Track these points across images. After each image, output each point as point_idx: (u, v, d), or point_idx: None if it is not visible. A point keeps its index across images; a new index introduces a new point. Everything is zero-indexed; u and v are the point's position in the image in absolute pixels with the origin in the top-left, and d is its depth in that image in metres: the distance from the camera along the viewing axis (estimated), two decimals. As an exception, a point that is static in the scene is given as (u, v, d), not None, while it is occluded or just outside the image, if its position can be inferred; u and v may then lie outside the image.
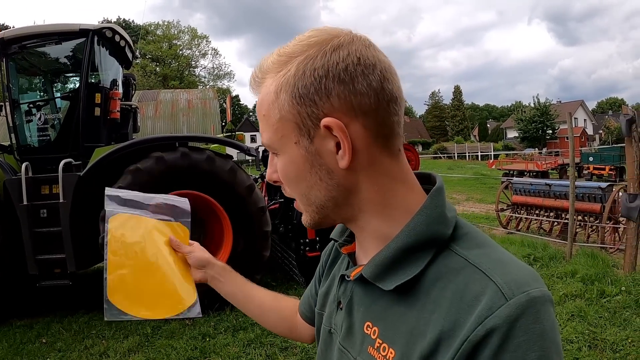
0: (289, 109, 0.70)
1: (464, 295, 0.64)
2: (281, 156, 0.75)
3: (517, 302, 0.60)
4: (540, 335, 0.59)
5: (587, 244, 7.24)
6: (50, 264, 4.97)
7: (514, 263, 0.68)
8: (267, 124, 0.73)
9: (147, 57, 47.71)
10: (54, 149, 5.42)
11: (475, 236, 0.73)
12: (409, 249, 0.71)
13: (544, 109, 49.20)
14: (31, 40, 5.51)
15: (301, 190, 0.76)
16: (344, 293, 0.84)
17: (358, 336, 0.77)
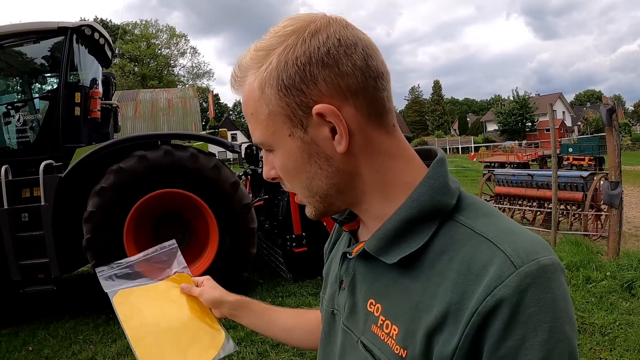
0: (277, 103, 0.68)
1: (471, 266, 0.62)
2: (277, 151, 0.73)
3: (526, 270, 0.58)
4: (551, 305, 0.57)
5: (571, 232, 7.36)
6: (34, 269, 4.86)
7: (522, 232, 0.65)
8: (257, 122, 0.71)
9: (125, 57, 46.96)
10: (33, 151, 5.30)
11: (481, 206, 0.71)
12: (413, 220, 0.69)
13: (523, 102, 50.01)
14: (8, 40, 5.37)
15: (302, 182, 0.74)
16: (346, 271, 0.81)
17: (361, 315, 0.75)
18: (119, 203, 4.72)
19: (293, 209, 5.67)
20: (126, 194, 4.73)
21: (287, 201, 5.74)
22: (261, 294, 5.27)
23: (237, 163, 8.54)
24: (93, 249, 4.69)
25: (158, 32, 52.18)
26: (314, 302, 4.99)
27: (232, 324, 4.59)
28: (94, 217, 4.69)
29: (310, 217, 0.80)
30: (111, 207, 4.72)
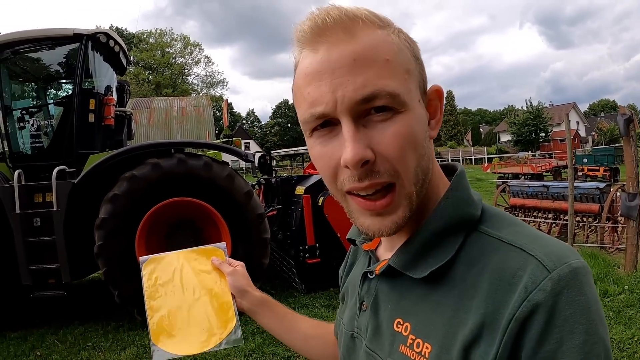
0: (415, 66, 0.66)
1: (503, 274, 0.60)
2: (405, 114, 0.62)
3: (560, 273, 0.57)
4: (585, 307, 0.56)
5: (587, 244, 7.24)
6: (44, 274, 4.87)
7: (549, 238, 0.64)
8: (393, 72, 0.61)
9: (140, 65, 47.66)
10: (47, 156, 5.35)
11: (504, 217, 0.69)
12: (439, 233, 0.67)
13: (537, 112, 49.63)
14: (24, 46, 5.45)
15: (415, 161, 0.63)
16: (368, 292, 0.78)
17: (387, 336, 0.71)
18: (132, 210, 4.70)
19: (307, 219, 5.62)
20: (139, 202, 4.71)
21: (301, 211, 5.70)
22: (281, 303, 5.22)
23: (250, 172, 8.55)
24: (104, 256, 4.68)
25: (173, 41, 52.89)
26: (326, 313, 4.93)
27: (243, 335, 4.56)
28: (106, 224, 4.68)
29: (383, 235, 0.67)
30: (123, 215, 4.71)
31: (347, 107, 0.60)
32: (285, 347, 4.19)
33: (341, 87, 0.60)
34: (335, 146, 0.63)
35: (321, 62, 0.61)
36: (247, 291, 1.10)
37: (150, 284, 1.17)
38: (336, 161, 0.63)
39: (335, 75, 0.60)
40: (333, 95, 0.60)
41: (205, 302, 1.15)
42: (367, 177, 0.61)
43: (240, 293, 1.10)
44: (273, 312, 1.11)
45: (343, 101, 0.60)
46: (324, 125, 0.64)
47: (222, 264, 1.13)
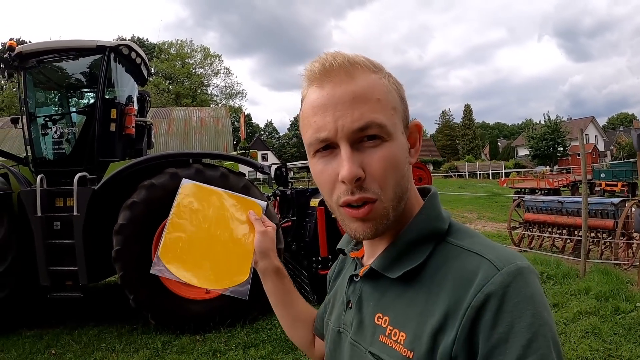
0: (400, 104, 0.82)
1: (463, 274, 0.74)
2: (390, 143, 0.77)
3: (507, 270, 0.70)
4: (531, 296, 0.69)
5: (601, 261, 7.15)
6: (62, 276, 5.01)
7: (500, 246, 0.79)
8: (383, 108, 0.77)
9: (160, 75, 48.40)
10: (69, 163, 5.51)
11: (467, 230, 0.84)
12: (412, 242, 0.82)
13: (555, 126, 49.02)
14: (49, 55, 5.64)
15: (396, 180, 0.79)
16: (353, 292, 0.91)
17: (369, 329, 0.84)
18: (149, 217, 4.80)
19: (320, 231, 5.69)
20: (156, 209, 4.79)
21: (315, 223, 5.77)
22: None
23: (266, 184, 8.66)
24: (121, 260, 4.80)
25: (193, 51, 53.65)
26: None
27: (254, 342, 4.62)
28: (124, 230, 4.81)
29: (368, 237, 0.81)
30: (141, 221, 4.82)
31: (346, 134, 0.75)
32: (294, 356, 4.26)
33: (342, 118, 0.75)
34: (334, 165, 0.78)
35: (327, 97, 0.77)
36: (268, 255, 1.17)
37: (182, 204, 1.19)
38: (334, 177, 0.77)
39: (338, 109, 0.76)
40: (335, 124, 0.75)
41: (227, 246, 1.17)
42: (358, 192, 0.76)
43: (262, 254, 1.17)
44: (281, 283, 1.19)
45: (343, 129, 0.75)
46: (325, 148, 0.79)
47: (257, 220, 1.19)
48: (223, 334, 4.86)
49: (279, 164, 7.31)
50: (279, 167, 7.15)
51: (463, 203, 19.46)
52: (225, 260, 1.17)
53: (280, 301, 1.20)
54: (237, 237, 1.18)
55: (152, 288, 4.82)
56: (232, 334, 4.86)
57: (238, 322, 5.04)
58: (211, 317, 4.90)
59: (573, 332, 4.55)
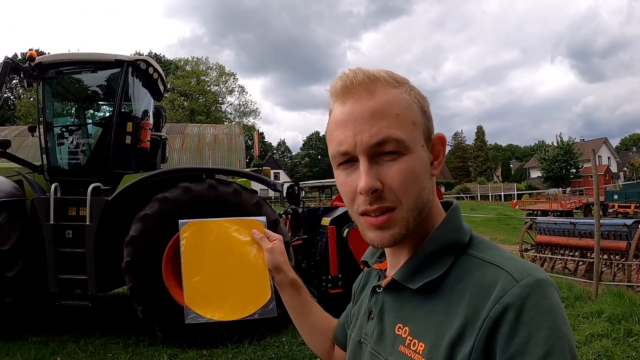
0: (421, 118, 0.84)
1: (482, 285, 0.75)
2: (409, 155, 0.80)
3: (526, 282, 0.71)
4: (549, 309, 0.69)
5: (613, 283, 7.02)
6: (72, 284, 5.05)
7: (520, 259, 0.80)
8: (401, 123, 0.80)
9: (175, 91, 49.03)
10: (83, 173, 5.60)
11: (488, 243, 0.86)
12: (433, 254, 0.84)
13: (567, 147, 48.66)
14: (68, 67, 5.78)
15: (416, 192, 0.81)
16: (375, 303, 0.94)
17: (389, 339, 0.86)
18: (161, 230, 4.83)
19: (331, 250, 5.69)
20: (168, 223, 4.81)
21: (326, 242, 5.77)
22: (293, 332, 5.25)
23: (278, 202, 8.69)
24: (131, 272, 4.83)
25: (208, 69, 54.33)
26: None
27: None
28: (135, 242, 4.85)
29: (386, 245, 0.84)
30: (153, 234, 4.86)
31: (364, 149, 0.79)
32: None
33: (360, 133, 0.79)
34: (354, 177, 0.82)
35: (348, 113, 0.81)
36: (281, 269, 1.20)
37: (189, 249, 1.21)
38: (355, 188, 0.81)
39: (357, 124, 0.80)
40: (354, 139, 0.80)
41: (242, 272, 1.19)
42: (376, 202, 0.80)
43: (275, 269, 1.20)
44: (298, 294, 1.23)
45: (361, 144, 0.79)
46: (348, 161, 0.83)
47: (262, 238, 1.21)
48: (230, 349, 4.82)
49: (291, 182, 7.35)
50: (291, 185, 7.19)
51: (475, 225, 19.26)
52: (246, 285, 1.20)
53: (298, 311, 1.24)
54: (250, 260, 1.20)
55: (160, 301, 4.84)
56: (239, 350, 4.83)
57: (246, 339, 5.01)
58: (219, 333, 4.88)
59: (585, 355, 4.46)
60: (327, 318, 1.27)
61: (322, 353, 1.26)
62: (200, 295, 1.19)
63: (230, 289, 1.20)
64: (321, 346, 1.26)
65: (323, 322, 1.26)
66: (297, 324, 1.26)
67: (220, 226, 1.23)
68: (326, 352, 1.25)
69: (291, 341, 5.05)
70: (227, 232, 1.22)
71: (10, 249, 4.93)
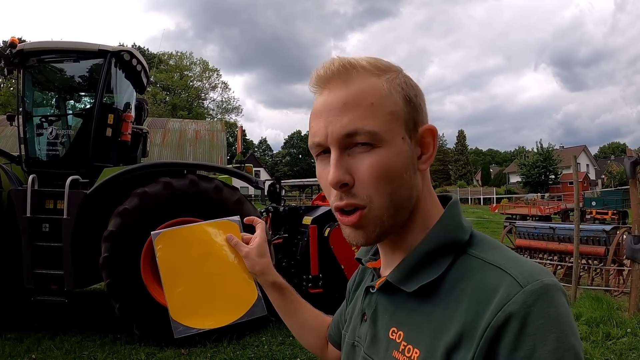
0: (403, 107, 0.77)
1: (483, 289, 0.69)
2: (383, 148, 0.74)
3: (532, 288, 0.65)
4: (556, 318, 0.63)
5: (592, 287, 7.17)
6: (48, 279, 4.93)
7: (525, 260, 0.73)
8: (376, 113, 0.74)
9: (158, 85, 48.51)
10: (62, 165, 5.47)
11: (489, 241, 0.79)
12: (430, 253, 0.77)
13: (547, 154, 49.66)
14: (50, 55, 5.65)
15: (391, 188, 0.75)
16: (369, 304, 0.88)
17: (382, 343, 0.80)
18: (140, 226, 4.73)
19: (312, 249, 5.66)
20: (148, 218, 4.74)
21: (307, 241, 5.75)
22: (272, 331, 5.23)
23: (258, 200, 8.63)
24: (109, 268, 4.74)
25: (192, 64, 53.92)
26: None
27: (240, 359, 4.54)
28: (113, 237, 4.76)
29: (361, 244, 0.80)
30: (131, 229, 4.76)
31: (335, 140, 0.74)
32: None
33: (331, 124, 0.75)
34: (327, 169, 0.76)
35: (322, 103, 0.77)
36: (262, 272, 1.16)
37: (165, 260, 1.15)
38: (327, 181, 0.76)
39: (329, 114, 0.75)
40: (325, 129, 0.75)
41: (225, 276, 1.15)
42: (346, 197, 0.75)
43: (255, 274, 1.17)
44: (281, 295, 1.18)
45: (332, 135, 0.75)
46: (324, 152, 0.78)
47: (237, 244, 1.18)
48: (209, 349, 4.76)
49: (273, 181, 7.31)
50: (272, 183, 7.15)
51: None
52: (230, 289, 1.16)
53: (284, 311, 1.19)
54: (230, 263, 1.16)
55: (138, 298, 4.76)
56: (218, 349, 4.77)
57: (225, 338, 4.94)
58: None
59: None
60: (317, 317, 1.22)
61: (315, 350, 1.22)
62: (185, 306, 1.15)
63: (215, 294, 1.16)
64: (313, 344, 1.21)
65: (312, 321, 1.21)
66: (286, 322, 1.22)
67: (194, 232, 1.19)
68: (319, 350, 1.21)
69: (271, 340, 5.02)
70: (203, 237, 1.18)
71: None
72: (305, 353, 4.58)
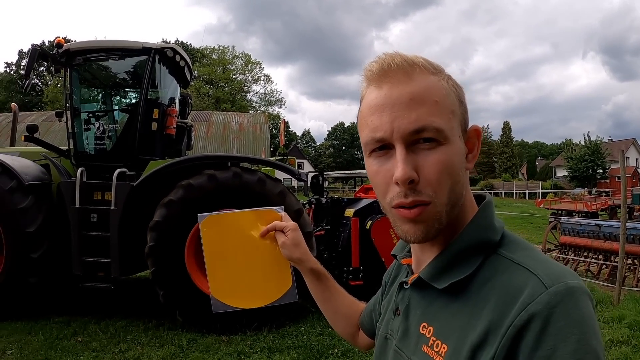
0: (458, 108, 0.80)
1: (509, 289, 0.71)
2: (446, 147, 0.76)
3: (556, 290, 0.67)
4: (579, 321, 0.64)
5: (636, 289, 6.87)
6: (95, 266, 5.17)
7: (553, 262, 0.75)
8: (440, 111, 0.76)
9: (201, 79, 49.27)
10: (109, 158, 5.70)
11: (520, 242, 0.81)
12: (461, 252, 0.80)
13: (595, 147, 47.54)
14: (95, 54, 5.86)
15: (450, 185, 0.76)
16: (402, 300, 0.92)
17: (413, 337, 0.84)
18: (185, 217, 4.86)
19: (354, 241, 5.68)
20: (192, 209, 4.79)
21: (349, 233, 5.77)
22: (312, 322, 5.29)
23: (301, 191, 8.68)
24: (154, 256, 4.92)
25: (234, 58, 54.47)
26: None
27: (279, 347, 4.64)
28: (159, 227, 4.92)
29: (419, 239, 0.79)
30: (177, 220, 4.91)
31: (401, 136, 0.75)
32: None
33: (398, 119, 0.75)
34: (388, 166, 0.77)
35: (384, 97, 0.77)
36: (300, 260, 1.22)
37: (209, 242, 1.24)
38: (389, 178, 0.77)
39: (395, 109, 0.75)
40: (391, 125, 0.75)
41: (263, 262, 1.23)
42: (411, 195, 0.75)
43: (293, 262, 1.23)
44: (318, 282, 1.26)
45: (399, 130, 0.75)
46: (381, 148, 0.78)
47: (278, 233, 1.22)
48: (249, 336, 4.87)
49: (316, 173, 7.36)
50: (315, 175, 7.19)
51: (497, 222, 18.95)
52: (267, 274, 1.24)
53: (319, 297, 1.27)
54: (269, 250, 1.23)
55: (182, 285, 4.92)
56: (257, 337, 4.87)
57: (265, 326, 5.04)
58: (238, 319, 4.92)
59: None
60: (351, 304, 1.29)
61: (347, 336, 1.29)
62: (224, 286, 1.24)
63: (253, 278, 1.24)
64: (345, 330, 1.28)
65: (347, 308, 1.27)
66: (320, 307, 1.29)
67: (238, 218, 1.25)
68: (350, 336, 1.27)
69: (309, 331, 5.08)
70: (246, 224, 1.24)
71: (35, 231, 5.06)
72: (343, 344, 4.63)
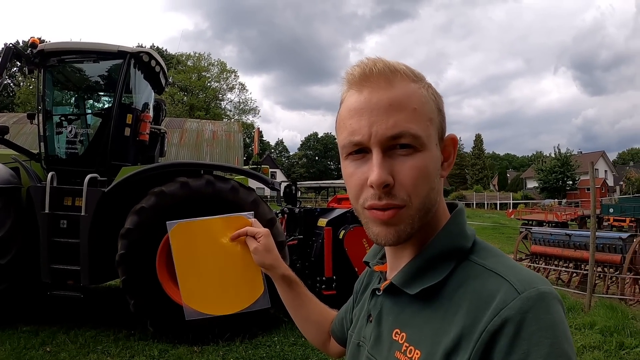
0: (437, 116, 0.81)
1: (481, 295, 0.72)
2: (423, 153, 0.76)
3: (528, 295, 0.68)
4: (550, 325, 0.65)
5: (607, 296, 7.05)
6: (64, 274, 5.02)
7: (524, 268, 0.77)
8: (419, 118, 0.77)
9: (176, 85, 48.89)
10: (81, 163, 5.57)
11: (491, 249, 0.82)
12: (433, 258, 0.81)
13: (565, 159, 48.95)
14: (70, 56, 5.75)
15: (425, 191, 0.77)
16: (374, 306, 0.92)
17: (386, 343, 0.84)
18: (156, 224, 4.73)
19: (326, 251, 5.67)
20: (164, 217, 4.73)
21: (321, 243, 5.76)
22: (285, 331, 5.25)
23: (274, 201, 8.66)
24: (125, 265, 4.80)
25: (210, 65, 54.23)
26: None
27: (251, 358, 4.57)
28: (130, 235, 4.82)
29: (390, 242, 0.80)
30: (148, 227, 4.81)
31: (379, 140, 0.75)
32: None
33: (376, 124, 0.75)
34: (364, 169, 0.77)
35: (364, 102, 0.77)
36: (271, 266, 1.21)
37: (179, 249, 1.24)
38: (364, 181, 0.77)
39: (373, 114, 0.76)
40: (369, 129, 0.76)
41: (234, 268, 1.22)
42: (385, 198, 0.75)
43: (264, 267, 1.22)
44: (289, 288, 1.25)
45: (376, 135, 0.75)
46: (358, 152, 0.79)
47: (248, 239, 1.22)
48: (221, 347, 4.80)
49: (289, 182, 7.35)
50: (288, 185, 7.17)
51: (469, 232, 19.22)
52: (239, 281, 1.24)
53: (291, 304, 1.26)
54: (240, 257, 1.23)
55: (153, 295, 4.81)
56: (230, 348, 4.80)
57: (237, 337, 4.98)
58: (210, 330, 4.85)
59: (576, 366, 4.47)
60: (323, 311, 1.28)
61: (318, 343, 1.28)
62: (196, 293, 1.24)
63: (224, 284, 1.23)
64: (316, 337, 1.28)
65: (318, 315, 1.26)
66: (290, 314, 1.28)
67: (207, 225, 1.25)
68: (321, 343, 1.27)
69: (283, 341, 5.04)
70: (215, 231, 1.23)
71: (3, 236, 4.90)
72: (317, 354, 4.60)
